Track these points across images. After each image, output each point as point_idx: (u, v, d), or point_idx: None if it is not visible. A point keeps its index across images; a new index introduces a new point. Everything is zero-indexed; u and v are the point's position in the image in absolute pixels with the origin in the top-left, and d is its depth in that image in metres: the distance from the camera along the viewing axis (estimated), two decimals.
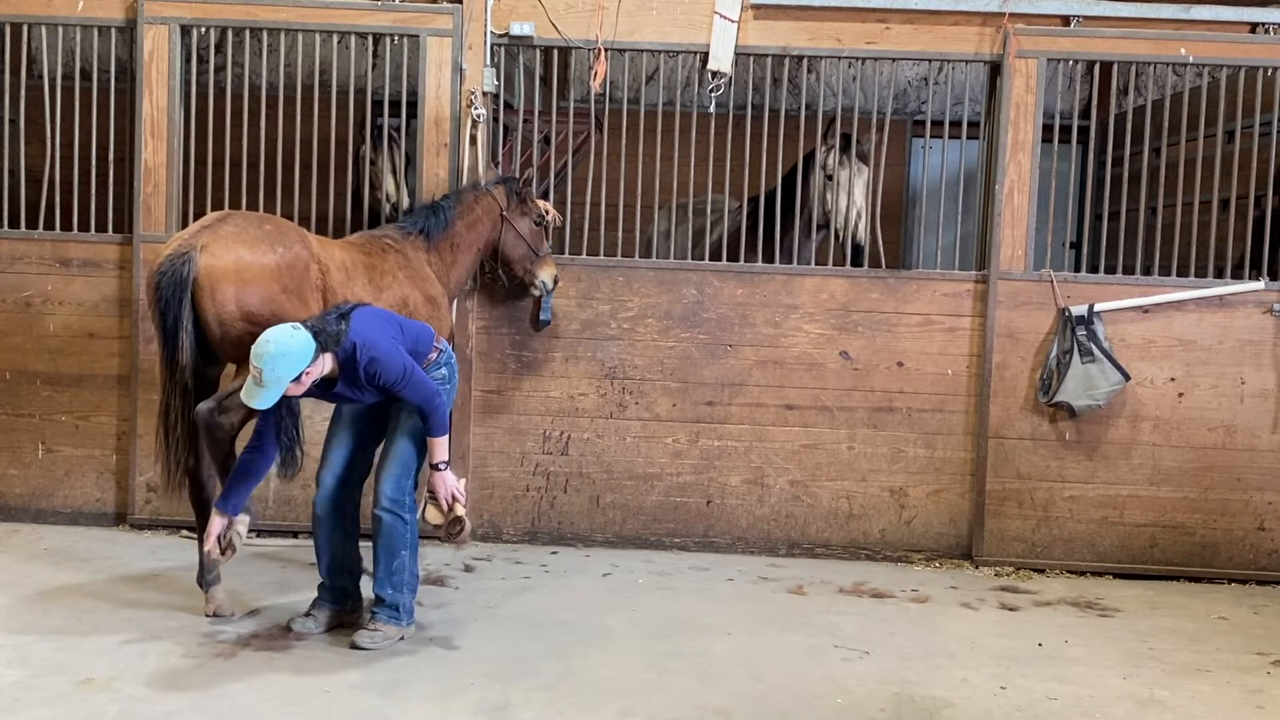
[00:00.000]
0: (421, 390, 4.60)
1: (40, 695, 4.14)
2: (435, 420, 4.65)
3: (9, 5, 6.45)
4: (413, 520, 4.81)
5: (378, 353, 4.48)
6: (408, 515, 4.78)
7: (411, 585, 4.85)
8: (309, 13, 6.40)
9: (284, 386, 4.34)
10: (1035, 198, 6.40)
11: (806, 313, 6.49)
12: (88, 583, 5.48)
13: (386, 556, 4.76)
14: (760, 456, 6.51)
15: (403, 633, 4.80)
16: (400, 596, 4.78)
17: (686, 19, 6.40)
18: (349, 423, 4.92)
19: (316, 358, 4.37)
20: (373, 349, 4.47)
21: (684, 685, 4.49)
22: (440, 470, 4.74)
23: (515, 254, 6.07)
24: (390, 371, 4.50)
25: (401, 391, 4.56)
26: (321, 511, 4.86)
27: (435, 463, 4.73)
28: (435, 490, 4.75)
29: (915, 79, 9.56)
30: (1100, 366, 6.22)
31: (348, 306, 4.63)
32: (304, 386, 4.41)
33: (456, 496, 4.76)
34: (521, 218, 6.05)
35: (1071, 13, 6.35)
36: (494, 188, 6.06)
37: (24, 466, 6.56)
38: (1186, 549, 6.41)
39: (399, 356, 4.54)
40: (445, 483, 4.75)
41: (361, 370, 4.47)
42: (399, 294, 5.56)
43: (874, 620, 5.41)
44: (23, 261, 6.51)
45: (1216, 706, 4.50)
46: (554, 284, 6.18)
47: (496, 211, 6.01)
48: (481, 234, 6.01)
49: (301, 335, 4.34)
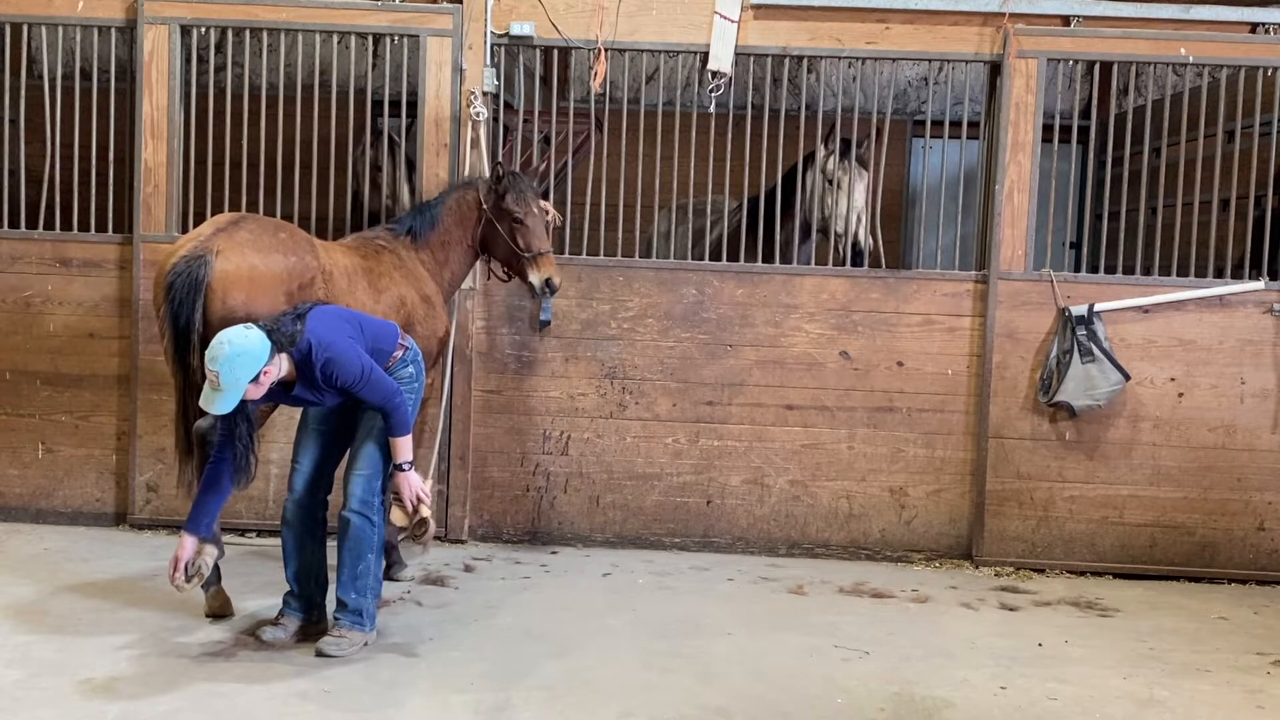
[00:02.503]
0: (381, 390, 4.51)
1: (40, 695, 4.14)
2: (396, 420, 4.57)
3: (9, 5, 6.45)
4: (380, 523, 4.72)
5: (334, 353, 4.39)
6: (376, 518, 4.69)
7: (375, 590, 4.76)
8: (309, 13, 6.40)
9: (243, 389, 4.26)
10: (1035, 198, 6.40)
11: (806, 312, 6.49)
12: (88, 583, 5.48)
13: (352, 559, 4.65)
14: (760, 456, 6.51)
15: (366, 638, 4.69)
16: (364, 601, 4.68)
17: (686, 19, 6.40)
18: (316, 426, 4.82)
19: (272, 357, 4.30)
20: (329, 349, 4.39)
21: (684, 685, 4.49)
22: (404, 471, 4.65)
23: (498, 253, 5.88)
24: (347, 372, 4.41)
25: (360, 392, 4.48)
26: (291, 517, 4.76)
27: (398, 463, 4.64)
28: (399, 491, 4.67)
29: (915, 79, 9.56)
30: (1100, 366, 6.22)
31: (305, 306, 4.54)
32: (262, 389, 4.33)
33: (421, 497, 4.67)
34: (502, 215, 5.77)
35: (1071, 13, 6.35)
36: (480, 182, 5.94)
37: (24, 466, 6.56)
38: (1186, 549, 6.41)
39: (356, 356, 4.45)
40: (409, 484, 4.66)
41: (318, 371, 4.39)
42: (396, 294, 5.55)
43: (874, 620, 5.41)
44: (23, 261, 6.51)
45: (1216, 706, 4.50)
46: (546, 287, 5.79)
47: (478, 208, 5.85)
48: (469, 230, 5.89)
49: (256, 335, 4.28)
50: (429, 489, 4.71)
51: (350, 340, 4.51)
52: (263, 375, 4.29)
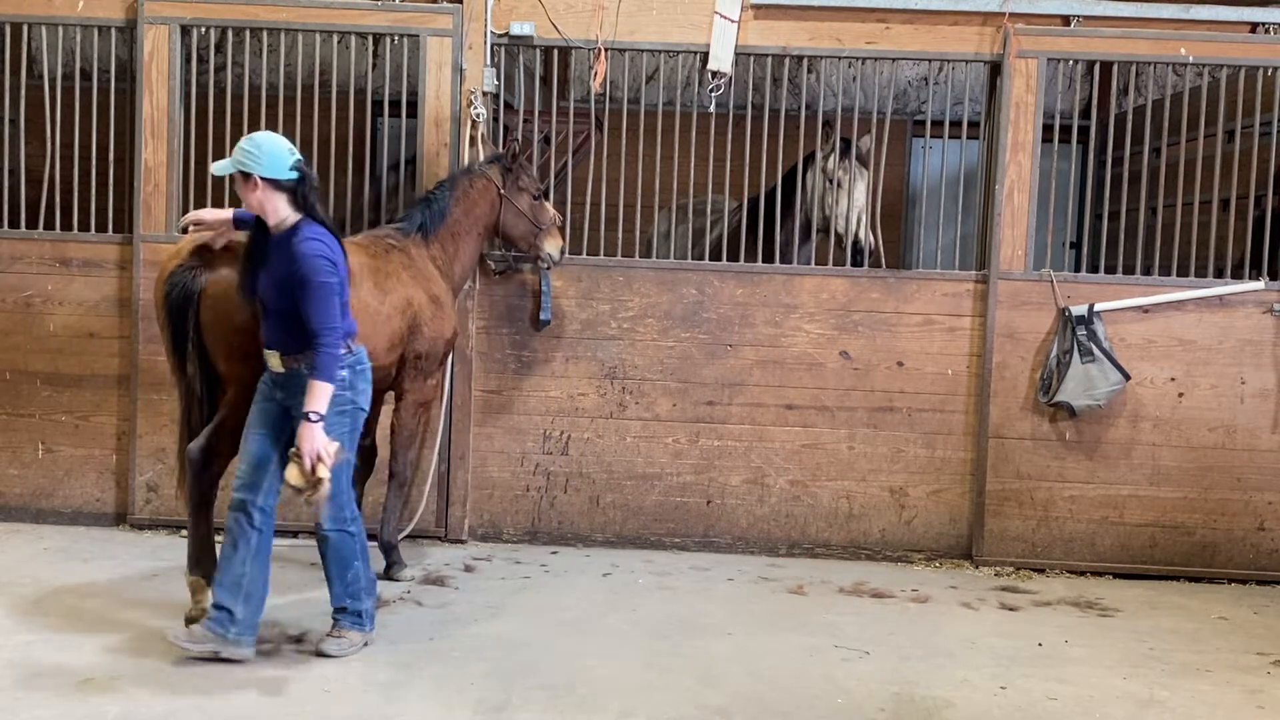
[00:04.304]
0: (324, 311, 4.32)
1: (40, 695, 4.14)
2: (321, 358, 4.31)
3: (9, 5, 6.45)
4: (359, 531, 4.69)
5: (315, 248, 4.32)
6: (353, 528, 4.64)
7: (369, 590, 4.77)
8: (309, 13, 6.40)
9: (250, 164, 4.30)
10: (1035, 198, 6.40)
11: (806, 312, 6.49)
12: (88, 583, 5.48)
13: (340, 570, 4.65)
14: (760, 456, 6.51)
15: (366, 638, 4.73)
16: (360, 603, 4.70)
17: (686, 19, 6.40)
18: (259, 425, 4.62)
19: (282, 185, 4.32)
20: (316, 241, 4.33)
21: (684, 685, 4.49)
22: (311, 422, 4.30)
23: (517, 231, 5.97)
24: (312, 268, 4.29)
25: (306, 295, 4.30)
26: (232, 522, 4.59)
27: (308, 411, 4.30)
28: (301, 444, 4.30)
29: (915, 79, 9.57)
30: (1100, 366, 6.23)
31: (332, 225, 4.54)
32: (253, 196, 4.35)
33: (322, 457, 4.31)
34: (520, 193, 5.92)
35: (1071, 13, 6.35)
36: (488, 168, 5.95)
37: (24, 466, 6.56)
38: (1186, 549, 6.41)
39: (330, 267, 4.34)
40: (313, 437, 4.30)
41: (295, 247, 4.31)
42: (403, 295, 5.50)
43: (874, 620, 5.41)
44: (23, 261, 6.51)
45: (1216, 706, 4.50)
46: (560, 256, 6.05)
47: (493, 192, 5.90)
48: (480, 217, 5.90)
49: (288, 152, 4.35)
50: (332, 450, 4.35)
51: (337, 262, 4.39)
52: (265, 183, 4.32)
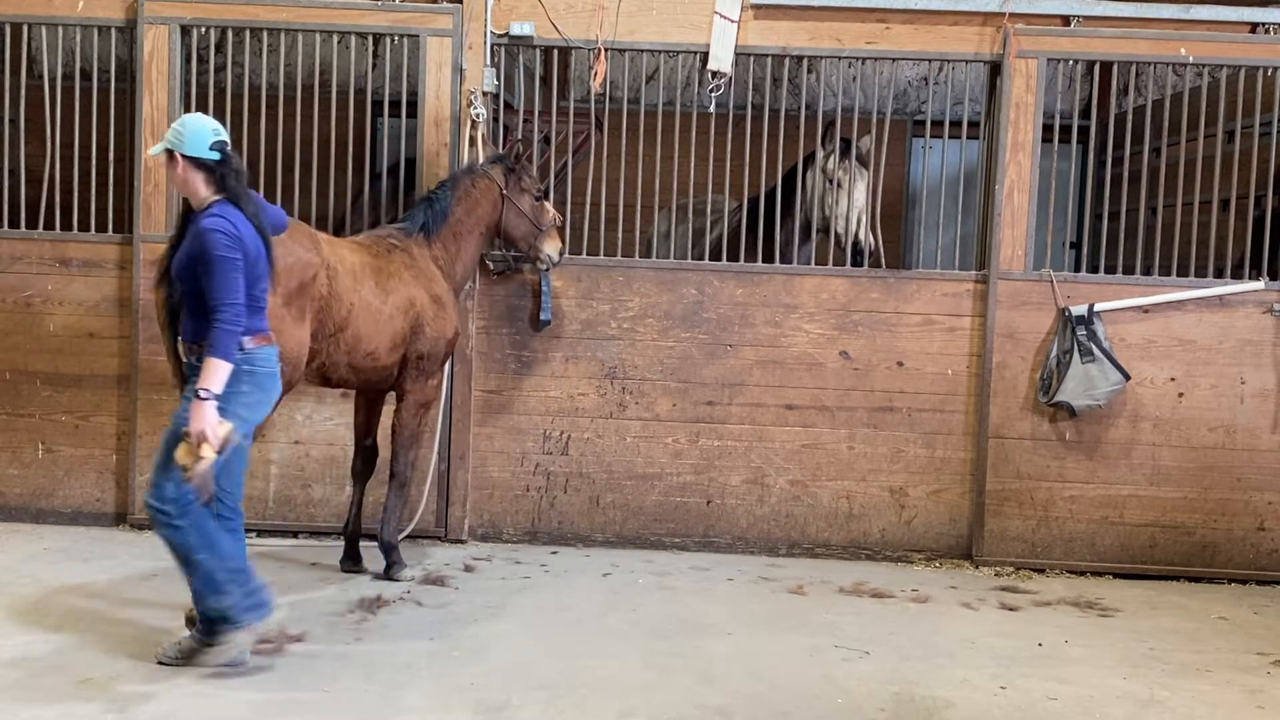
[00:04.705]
0: (222, 285, 4.20)
1: (40, 695, 4.14)
2: (217, 333, 4.17)
3: (9, 5, 6.45)
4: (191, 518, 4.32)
5: (217, 223, 4.23)
6: (180, 521, 4.31)
7: (230, 577, 4.35)
8: (309, 13, 6.40)
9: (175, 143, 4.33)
10: (1035, 198, 6.40)
11: (806, 312, 6.49)
12: (88, 583, 5.48)
13: (188, 569, 4.36)
14: (760, 456, 6.51)
15: (252, 629, 4.40)
16: (224, 598, 4.33)
17: (686, 19, 6.40)
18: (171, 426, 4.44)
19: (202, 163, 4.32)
20: (219, 218, 4.25)
21: (684, 685, 4.49)
22: (202, 400, 4.13)
23: (518, 232, 5.99)
24: (211, 242, 4.20)
25: (205, 270, 4.21)
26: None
27: (199, 388, 4.15)
28: (191, 422, 4.13)
29: (915, 79, 9.57)
30: (1100, 366, 6.22)
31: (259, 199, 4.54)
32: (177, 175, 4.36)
33: (208, 438, 4.13)
34: (521, 194, 5.94)
35: (1071, 13, 6.35)
36: (490, 168, 5.97)
37: (24, 466, 6.56)
38: (1186, 549, 6.41)
39: (228, 243, 4.22)
40: (203, 416, 4.12)
41: (200, 222, 4.26)
42: (405, 295, 5.52)
43: (874, 620, 5.41)
44: (23, 261, 6.51)
45: (1216, 706, 4.50)
46: (560, 257, 6.07)
47: (496, 192, 5.92)
48: (483, 218, 5.92)
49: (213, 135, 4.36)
50: (223, 433, 4.18)
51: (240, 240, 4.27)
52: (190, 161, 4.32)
